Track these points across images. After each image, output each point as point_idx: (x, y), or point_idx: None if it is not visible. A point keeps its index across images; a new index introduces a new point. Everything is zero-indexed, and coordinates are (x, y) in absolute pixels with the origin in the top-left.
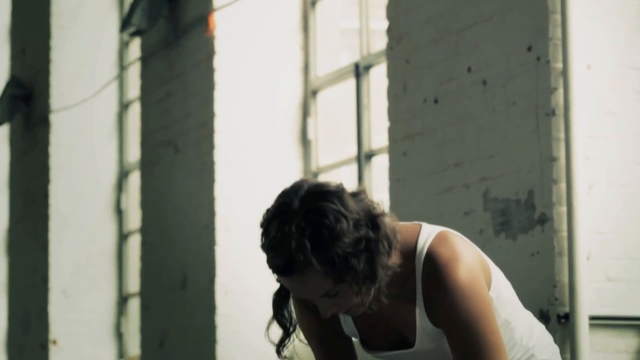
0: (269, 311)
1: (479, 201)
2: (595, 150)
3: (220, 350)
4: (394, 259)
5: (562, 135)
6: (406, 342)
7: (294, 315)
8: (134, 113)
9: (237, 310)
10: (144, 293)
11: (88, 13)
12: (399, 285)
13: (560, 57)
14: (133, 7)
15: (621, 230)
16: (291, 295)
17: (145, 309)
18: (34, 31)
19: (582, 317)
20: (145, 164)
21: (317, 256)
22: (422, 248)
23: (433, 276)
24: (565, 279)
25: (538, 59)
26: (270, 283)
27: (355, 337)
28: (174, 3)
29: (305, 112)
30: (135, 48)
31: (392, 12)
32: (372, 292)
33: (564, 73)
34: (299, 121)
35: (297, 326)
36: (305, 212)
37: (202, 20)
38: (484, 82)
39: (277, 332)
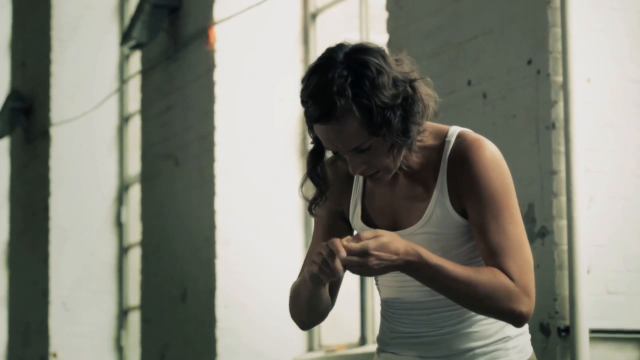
0: (269, 324)
1: None
2: (595, 163)
3: None
4: (426, 134)
5: (562, 148)
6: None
7: (327, 174)
8: (134, 126)
9: (237, 323)
10: (144, 306)
11: (88, 26)
12: (426, 161)
13: (560, 70)
14: (133, 21)
15: (621, 243)
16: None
17: (145, 322)
18: (34, 44)
19: (583, 330)
20: (146, 177)
21: (357, 103)
22: (454, 131)
23: (461, 151)
24: (566, 292)
25: (538, 72)
26: (269, 296)
27: (359, 226)
28: (174, 16)
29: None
30: (135, 61)
31: (392, 25)
32: (403, 153)
33: (564, 86)
34: (299, 134)
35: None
36: (348, 63)
37: (202, 33)
38: (484, 95)
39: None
